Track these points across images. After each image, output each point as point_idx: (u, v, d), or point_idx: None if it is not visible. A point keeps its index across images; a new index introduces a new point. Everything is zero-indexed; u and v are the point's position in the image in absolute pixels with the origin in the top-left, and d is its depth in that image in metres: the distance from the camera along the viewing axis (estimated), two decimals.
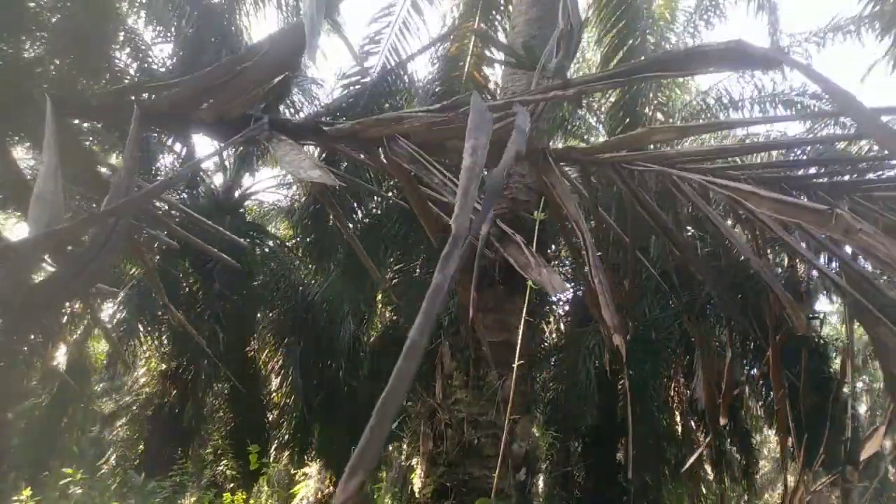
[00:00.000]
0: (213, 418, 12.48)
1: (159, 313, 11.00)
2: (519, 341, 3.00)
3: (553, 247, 7.40)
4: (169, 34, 8.32)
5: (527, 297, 2.66)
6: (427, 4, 7.54)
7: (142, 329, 10.78)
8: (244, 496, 8.92)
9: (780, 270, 7.34)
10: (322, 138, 1.60)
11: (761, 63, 1.50)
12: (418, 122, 1.59)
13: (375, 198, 7.59)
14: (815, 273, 7.53)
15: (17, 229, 14.33)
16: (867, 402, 18.45)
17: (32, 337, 10.89)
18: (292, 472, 12.14)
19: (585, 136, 11.28)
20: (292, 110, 9.70)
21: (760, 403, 9.71)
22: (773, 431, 11.11)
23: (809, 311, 7.93)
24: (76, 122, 1.30)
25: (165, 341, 11.26)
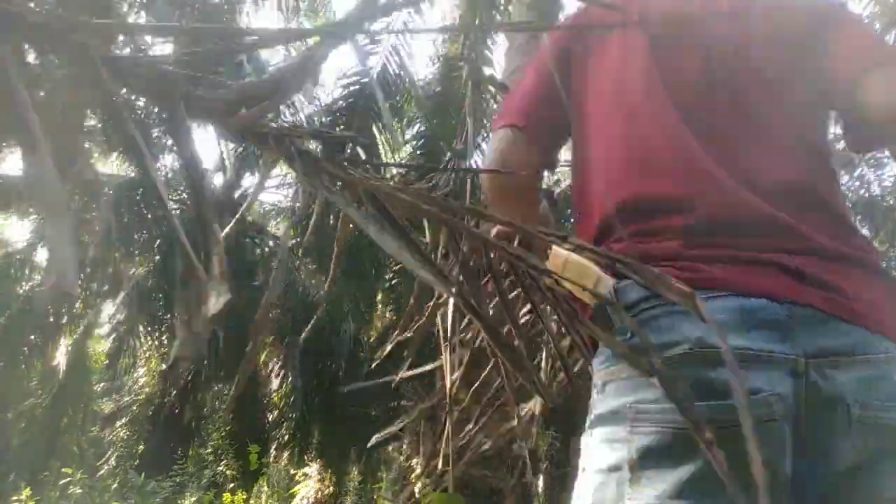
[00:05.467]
0: (213, 418, 12.49)
1: (159, 313, 11.01)
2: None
3: None
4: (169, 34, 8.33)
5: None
6: (427, 4, 7.55)
7: (142, 329, 10.79)
8: (244, 496, 8.93)
9: None
10: (227, 128, 1.64)
11: None
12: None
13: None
14: None
15: (16, 229, 14.34)
16: None
17: (32, 337, 10.91)
18: (292, 472, 12.14)
19: None
20: (292, 110, 9.71)
21: None
22: None
23: None
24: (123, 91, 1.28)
25: (165, 341, 11.26)
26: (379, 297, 10.32)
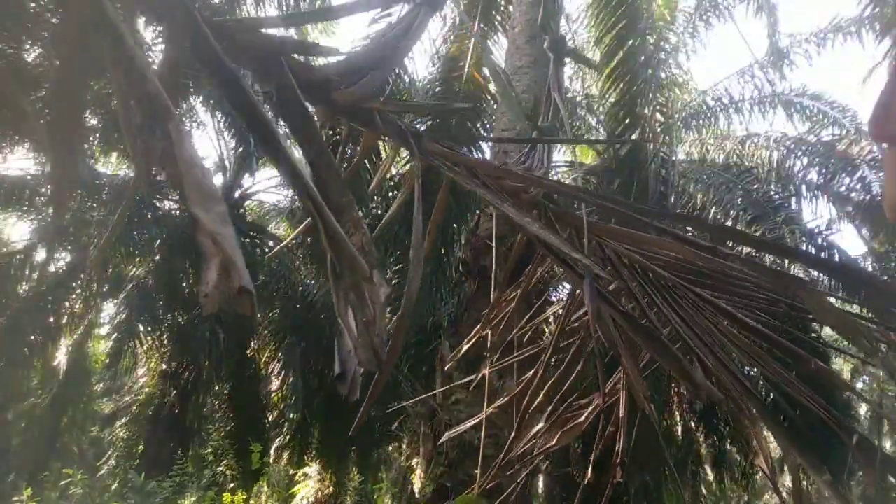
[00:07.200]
0: (213, 418, 12.49)
1: (159, 313, 11.01)
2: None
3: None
4: None
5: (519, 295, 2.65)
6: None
7: (142, 329, 10.79)
8: (244, 496, 8.93)
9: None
10: (327, 104, 1.59)
11: None
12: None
13: (376, 198, 7.59)
14: (815, 273, 7.53)
15: (16, 228, 14.33)
16: (867, 405, 18.41)
17: (32, 337, 10.91)
18: (292, 472, 12.14)
19: (586, 136, 11.29)
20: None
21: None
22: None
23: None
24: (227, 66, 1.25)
25: (165, 341, 11.27)
26: None
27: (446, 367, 5.22)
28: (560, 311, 2.20)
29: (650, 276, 1.72)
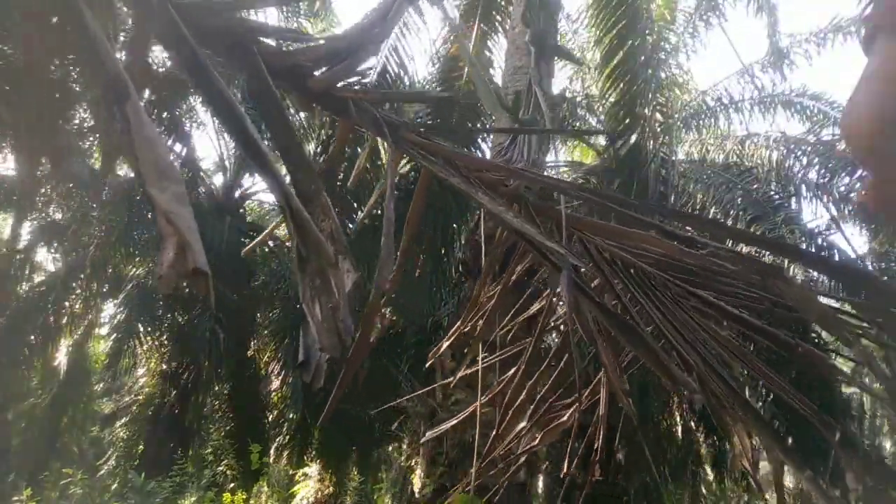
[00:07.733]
0: (213, 418, 12.49)
1: (159, 313, 11.01)
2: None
3: None
4: None
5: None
6: (427, 5, 7.53)
7: (142, 329, 10.80)
8: (244, 496, 8.93)
9: None
10: (301, 91, 1.57)
11: None
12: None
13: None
14: (814, 272, 7.53)
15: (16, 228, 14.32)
16: (868, 403, 18.40)
17: (32, 337, 10.91)
18: (292, 472, 12.14)
19: (586, 137, 11.27)
20: (290, 111, 9.68)
21: (760, 404, 9.69)
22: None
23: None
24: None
25: (165, 341, 11.27)
26: None
27: (441, 365, 5.23)
28: (544, 306, 2.19)
29: (632, 272, 1.70)
